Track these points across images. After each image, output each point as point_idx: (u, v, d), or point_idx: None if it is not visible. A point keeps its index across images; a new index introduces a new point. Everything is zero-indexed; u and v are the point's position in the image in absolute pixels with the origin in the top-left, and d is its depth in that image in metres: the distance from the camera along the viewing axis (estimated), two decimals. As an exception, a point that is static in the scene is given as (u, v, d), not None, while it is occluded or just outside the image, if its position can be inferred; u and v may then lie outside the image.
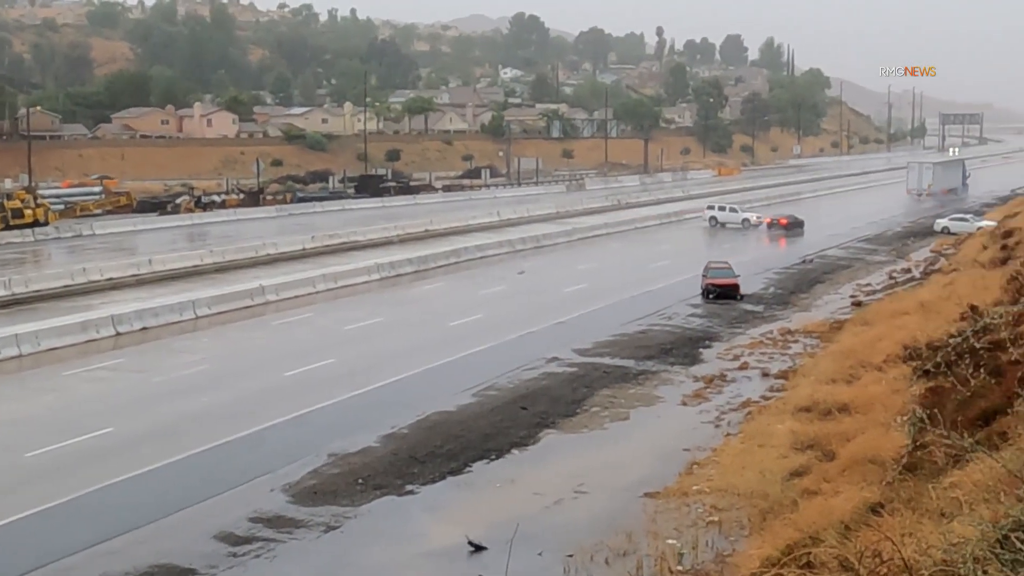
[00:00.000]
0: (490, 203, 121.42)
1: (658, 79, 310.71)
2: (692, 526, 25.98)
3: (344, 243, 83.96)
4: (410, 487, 29.84)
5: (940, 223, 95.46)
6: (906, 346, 38.05)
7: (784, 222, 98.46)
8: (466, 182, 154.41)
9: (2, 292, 59.94)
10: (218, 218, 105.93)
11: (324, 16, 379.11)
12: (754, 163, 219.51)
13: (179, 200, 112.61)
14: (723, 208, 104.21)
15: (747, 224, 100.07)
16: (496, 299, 62.13)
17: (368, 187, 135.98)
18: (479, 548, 25.17)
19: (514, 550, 22.16)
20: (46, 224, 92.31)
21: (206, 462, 32.30)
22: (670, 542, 24.78)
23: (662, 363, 45.12)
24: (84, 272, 65.70)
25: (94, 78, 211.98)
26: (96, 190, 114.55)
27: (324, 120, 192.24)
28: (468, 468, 31.48)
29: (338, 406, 38.42)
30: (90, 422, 35.96)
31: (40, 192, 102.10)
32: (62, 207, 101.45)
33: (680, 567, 23.48)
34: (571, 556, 24.39)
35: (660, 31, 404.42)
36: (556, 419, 36.59)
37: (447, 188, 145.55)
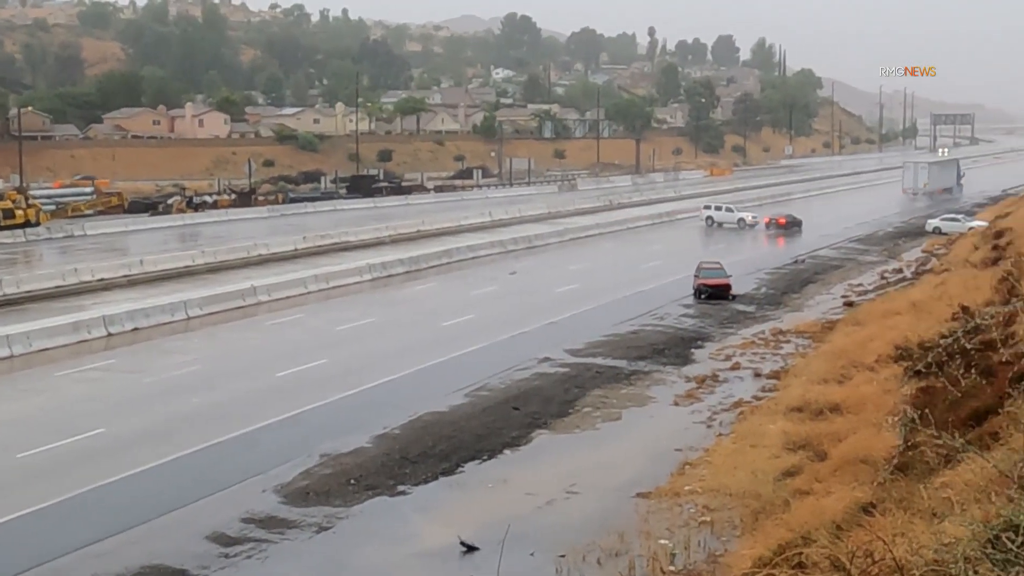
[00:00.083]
0: (482, 203, 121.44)
1: (650, 79, 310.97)
2: (684, 526, 26.00)
3: (336, 243, 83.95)
4: (402, 487, 29.84)
5: (932, 223, 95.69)
6: (897, 346, 38.08)
7: (783, 221, 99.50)
8: (458, 182, 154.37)
9: (-7, 293, 59.88)
10: (210, 219, 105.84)
11: (316, 16, 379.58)
12: (746, 163, 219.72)
13: (171, 201, 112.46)
14: (719, 208, 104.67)
15: (743, 224, 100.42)
16: (488, 299, 62.14)
17: (360, 188, 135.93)
18: (471, 548, 25.17)
19: (506, 550, 22.15)
20: (37, 225, 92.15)
21: (198, 463, 32.28)
22: (662, 542, 24.80)
23: (654, 363, 45.14)
24: (76, 273, 65.60)
25: (85, 78, 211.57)
26: (87, 191, 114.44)
27: (316, 120, 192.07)
28: (460, 468, 31.48)
29: (330, 407, 38.41)
30: (82, 423, 35.90)
31: (31, 193, 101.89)
32: (53, 208, 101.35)
33: (672, 567, 23.49)
34: (563, 556, 24.39)
35: (652, 31, 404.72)
36: (548, 419, 36.59)
37: (439, 189, 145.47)
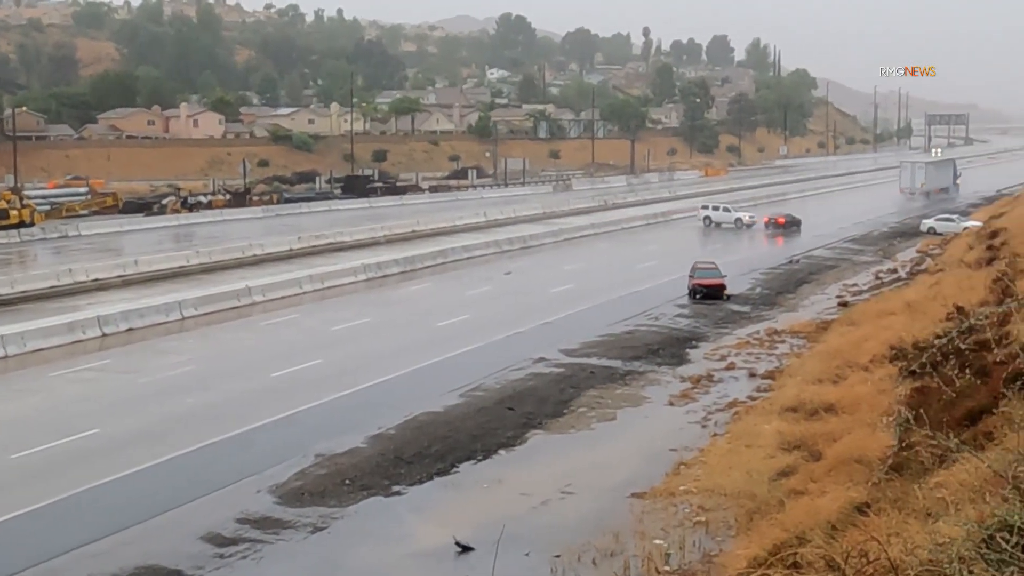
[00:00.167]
0: (477, 204, 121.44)
1: (645, 79, 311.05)
2: (679, 526, 26.01)
3: (331, 244, 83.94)
4: (397, 488, 29.83)
5: (926, 223, 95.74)
6: (892, 346, 38.13)
7: (782, 221, 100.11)
8: (453, 183, 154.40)
9: (-12, 293, 59.83)
10: (204, 219, 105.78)
11: (310, 16, 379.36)
12: (741, 163, 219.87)
13: (165, 201, 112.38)
14: (717, 208, 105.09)
15: (740, 224, 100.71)
16: (483, 300, 62.14)
17: (355, 188, 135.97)
18: (466, 549, 25.17)
19: (501, 551, 22.18)
20: (32, 225, 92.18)
21: (193, 463, 32.26)
22: (657, 542, 24.80)
23: (649, 363, 45.16)
24: (70, 273, 65.56)
25: (80, 78, 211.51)
26: (82, 191, 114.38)
27: (311, 121, 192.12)
28: (455, 469, 31.48)
29: (325, 407, 38.39)
30: (76, 423, 35.88)
31: (26, 193, 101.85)
32: (48, 208, 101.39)
33: (667, 567, 23.50)
34: (558, 556, 24.39)
35: (647, 32, 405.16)
36: (543, 420, 36.59)
37: (434, 189, 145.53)
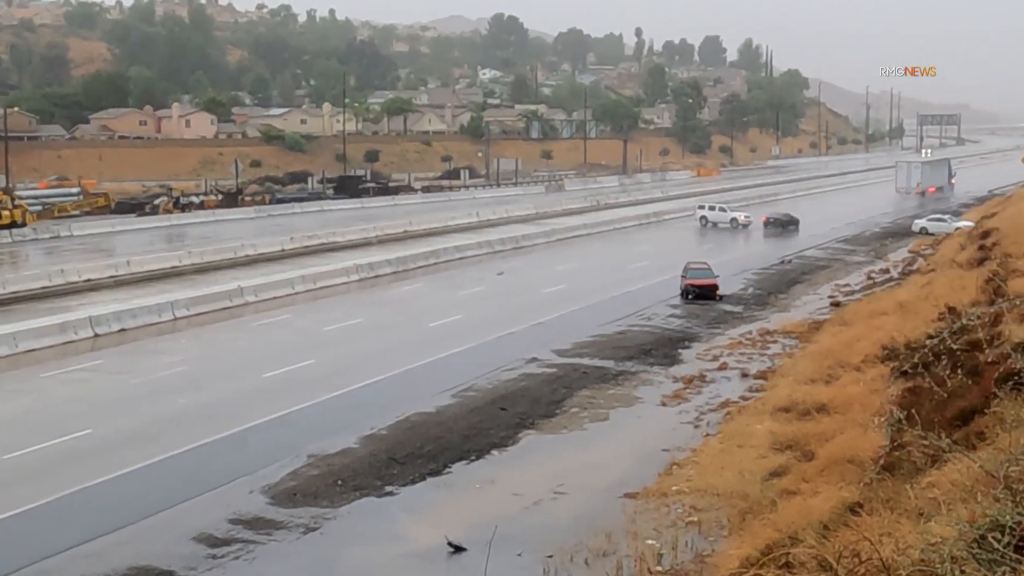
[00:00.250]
0: (469, 204, 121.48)
1: (637, 80, 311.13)
2: (671, 526, 26.04)
3: (323, 244, 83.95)
4: (390, 488, 29.84)
5: (918, 223, 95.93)
6: (884, 346, 38.18)
7: (779, 220, 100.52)
8: (445, 183, 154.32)
9: (-21, 293, 59.73)
10: (197, 219, 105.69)
11: (303, 17, 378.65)
12: (733, 164, 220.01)
13: (157, 201, 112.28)
14: (713, 208, 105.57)
15: (735, 224, 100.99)
16: (475, 300, 62.15)
17: (347, 188, 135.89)
18: (459, 549, 25.18)
19: (494, 551, 22.16)
20: (24, 225, 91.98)
21: (185, 463, 32.24)
22: (649, 542, 24.84)
23: (641, 364, 45.20)
24: (62, 273, 65.51)
25: (72, 79, 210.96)
26: (74, 191, 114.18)
27: (303, 121, 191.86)
28: (447, 469, 31.49)
29: (317, 407, 38.39)
30: (69, 424, 35.85)
31: (18, 193, 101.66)
32: (40, 208, 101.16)
33: (659, 567, 23.53)
34: (551, 557, 24.41)
35: (639, 32, 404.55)
36: (535, 420, 36.62)
37: (426, 189, 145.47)
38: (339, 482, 30.14)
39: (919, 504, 13.90)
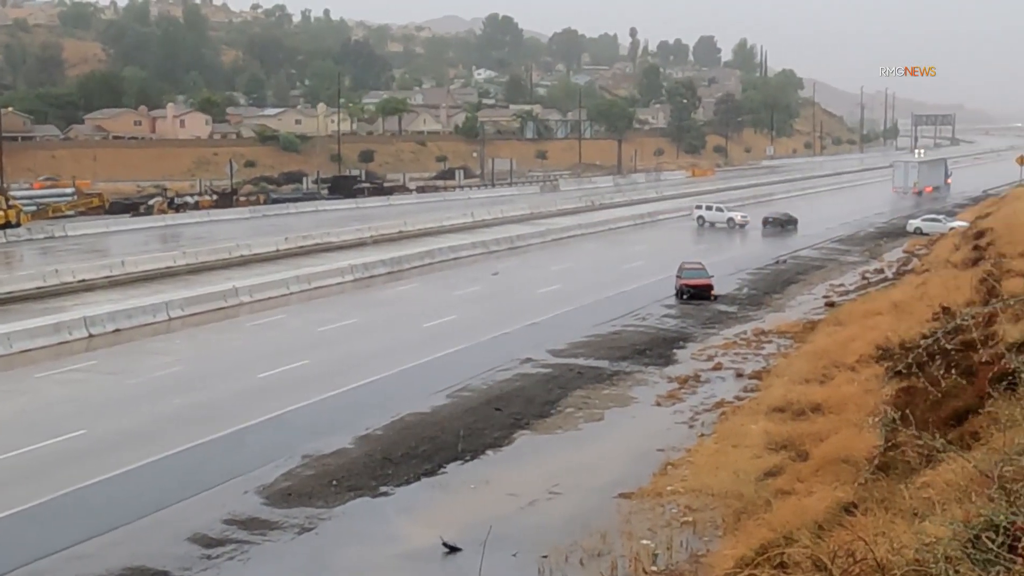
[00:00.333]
0: (464, 204, 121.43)
1: (631, 80, 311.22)
2: (666, 526, 26.04)
3: (318, 244, 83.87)
4: (384, 488, 29.82)
5: (913, 224, 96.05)
6: (879, 346, 38.23)
7: (778, 219, 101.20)
8: (440, 183, 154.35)
9: (-27, 294, 59.64)
10: (191, 219, 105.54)
11: (297, 17, 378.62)
12: (727, 164, 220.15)
13: (152, 201, 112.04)
14: (710, 208, 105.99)
15: (732, 224, 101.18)
16: (470, 300, 62.13)
17: (342, 188, 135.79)
18: (453, 549, 25.17)
19: (488, 551, 22.17)
20: (18, 226, 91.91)
21: (179, 464, 32.20)
22: (644, 542, 24.83)
23: (636, 364, 45.20)
24: (56, 274, 65.40)
25: (66, 79, 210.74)
26: (68, 191, 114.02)
27: (297, 121, 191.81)
28: (442, 469, 31.47)
29: (312, 408, 38.34)
30: (63, 424, 35.79)
31: (12, 193, 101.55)
32: (34, 208, 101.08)
33: (654, 567, 23.53)
34: (546, 557, 24.41)
35: (633, 32, 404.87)
36: (530, 420, 36.61)
37: (421, 189, 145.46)
38: (334, 482, 30.12)
39: (914, 504, 13.90)
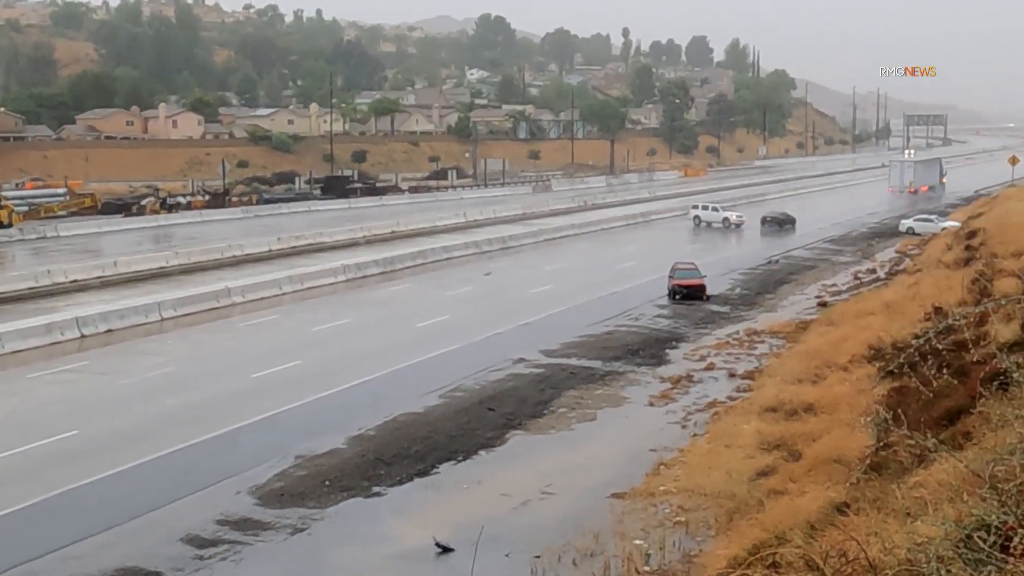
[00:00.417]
0: (456, 204, 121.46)
1: (624, 80, 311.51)
2: (659, 526, 26.05)
3: (310, 244, 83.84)
4: (377, 489, 29.81)
5: (905, 224, 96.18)
6: (871, 346, 38.28)
7: (776, 219, 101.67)
8: (432, 183, 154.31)
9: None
10: (184, 219, 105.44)
11: (290, 17, 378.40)
12: (720, 164, 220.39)
13: (144, 201, 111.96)
14: (706, 207, 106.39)
15: (727, 223, 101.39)
16: (463, 300, 62.12)
17: (334, 188, 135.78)
18: (446, 549, 25.17)
19: (481, 551, 22.15)
20: (10, 226, 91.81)
21: (172, 464, 32.14)
22: (637, 543, 24.85)
23: (629, 364, 45.21)
24: (48, 274, 65.29)
25: (58, 79, 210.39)
26: (60, 191, 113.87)
27: (290, 121, 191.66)
28: (435, 469, 31.46)
29: (305, 408, 38.31)
30: (56, 424, 35.74)
31: (4, 194, 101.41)
32: (26, 209, 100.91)
33: (647, 567, 23.54)
34: (538, 557, 24.41)
35: (626, 32, 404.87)
36: (523, 420, 36.61)
37: (413, 189, 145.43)
38: (326, 483, 30.11)
39: (906, 504, 13.92)
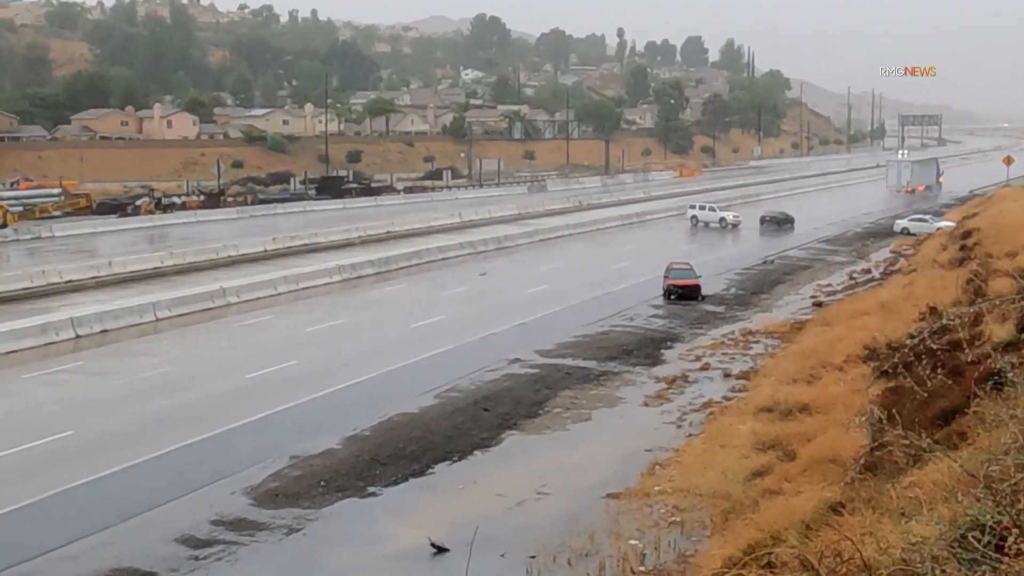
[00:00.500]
0: (451, 204, 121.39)
1: (619, 80, 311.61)
2: (654, 526, 26.06)
3: (305, 245, 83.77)
4: (372, 489, 29.81)
5: (900, 224, 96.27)
6: (866, 346, 38.31)
7: (775, 219, 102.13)
8: (427, 183, 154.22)
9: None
10: (179, 220, 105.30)
11: (285, 17, 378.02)
12: (715, 164, 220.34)
13: (139, 202, 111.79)
14: (703, 207, 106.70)
15: (724, 223, 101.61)
16: (458, 300, 62.10)
17: (329, 189, 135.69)
18: (441, 550, 25.17)
19: (476, 551, 22.19)
20: (5, 227, 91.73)
21: (167, 465, 32.13)
22: (632, 542, 24.85)
23: (624, 364, 45.23)
24: (43, 274, 65.21)
25: (53, 79, 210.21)
26: (55, 191, 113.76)
27: (285, 121, 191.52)
28: (430, 470, 31.46)
29: (300, 408, 38.30)
30: (50, 425, 35.71)
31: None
32: (21, 209, 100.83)
33: (642, 567, 23.55)
34: (533, 557, 24.41)
35: (621, 32, 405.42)
36: (518, 420, 36.61)
37: (408, 190, 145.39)
38: (321, 483, 30.10)
39: (900, 504, 13.92)
